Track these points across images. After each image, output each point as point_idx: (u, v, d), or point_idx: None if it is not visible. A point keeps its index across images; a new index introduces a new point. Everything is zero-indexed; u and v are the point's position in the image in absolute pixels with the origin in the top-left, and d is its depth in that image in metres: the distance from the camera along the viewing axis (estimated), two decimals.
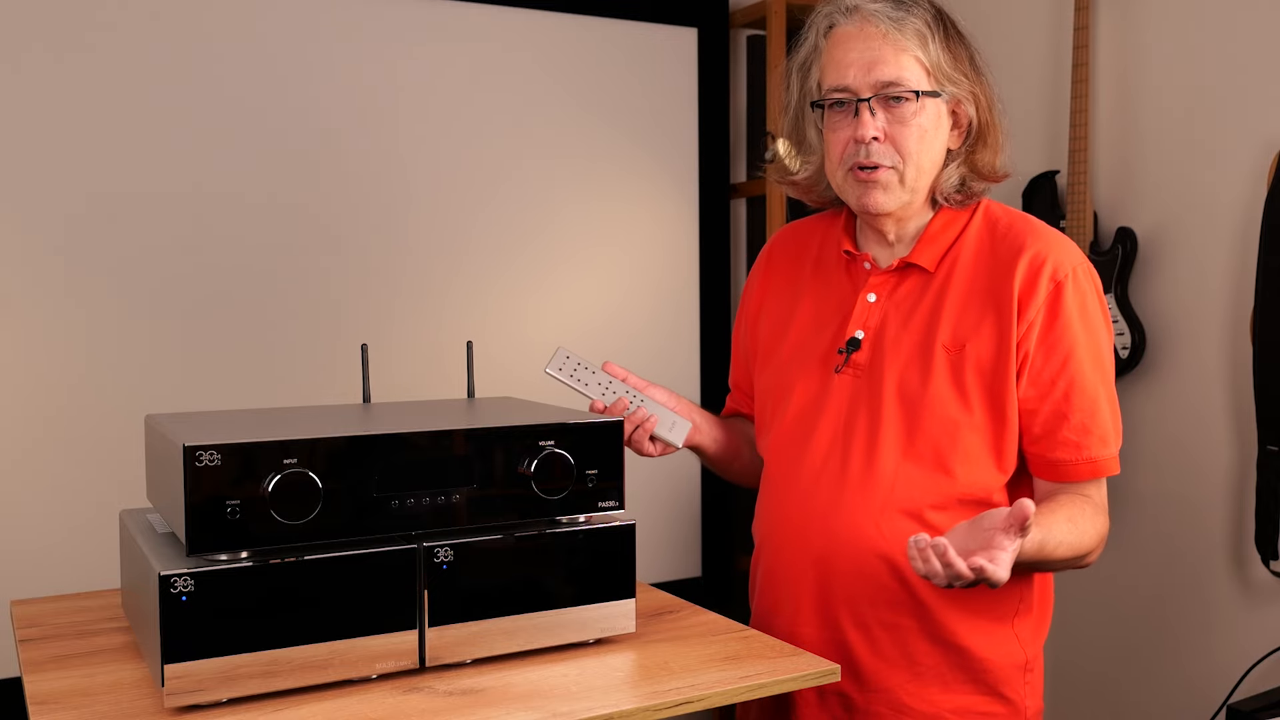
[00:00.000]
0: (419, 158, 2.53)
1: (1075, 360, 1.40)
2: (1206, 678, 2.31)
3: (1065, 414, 1.40)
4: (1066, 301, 1.39)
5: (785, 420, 1.53)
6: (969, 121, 1.45)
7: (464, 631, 1.28)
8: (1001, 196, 2.68)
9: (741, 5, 2.91)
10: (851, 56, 1.40)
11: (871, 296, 1.48)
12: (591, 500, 1.37)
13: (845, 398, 1.47)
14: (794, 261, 1.61)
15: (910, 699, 1.45)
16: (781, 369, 1.55)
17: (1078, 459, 1.41)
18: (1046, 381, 1.40)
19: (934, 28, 1.40)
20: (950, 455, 1.41)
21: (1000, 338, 1.40)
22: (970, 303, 1.43)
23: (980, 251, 1.45)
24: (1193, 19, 2.29)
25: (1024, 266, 1.40)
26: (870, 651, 1.45)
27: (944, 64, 1.40)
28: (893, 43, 1.38)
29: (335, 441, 1.22)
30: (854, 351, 1.47)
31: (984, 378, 1.40)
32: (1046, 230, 1.44)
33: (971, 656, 1.45)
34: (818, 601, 1.47)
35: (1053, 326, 1.39)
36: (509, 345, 2.64)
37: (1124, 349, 2.38)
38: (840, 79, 1.41)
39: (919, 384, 1.41)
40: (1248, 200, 2.21)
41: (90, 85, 2.22)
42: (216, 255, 2.34)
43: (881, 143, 1.40)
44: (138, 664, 1.30)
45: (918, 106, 1.39)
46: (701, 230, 2.86)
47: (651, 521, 2.73)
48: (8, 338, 2.18)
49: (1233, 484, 2.26)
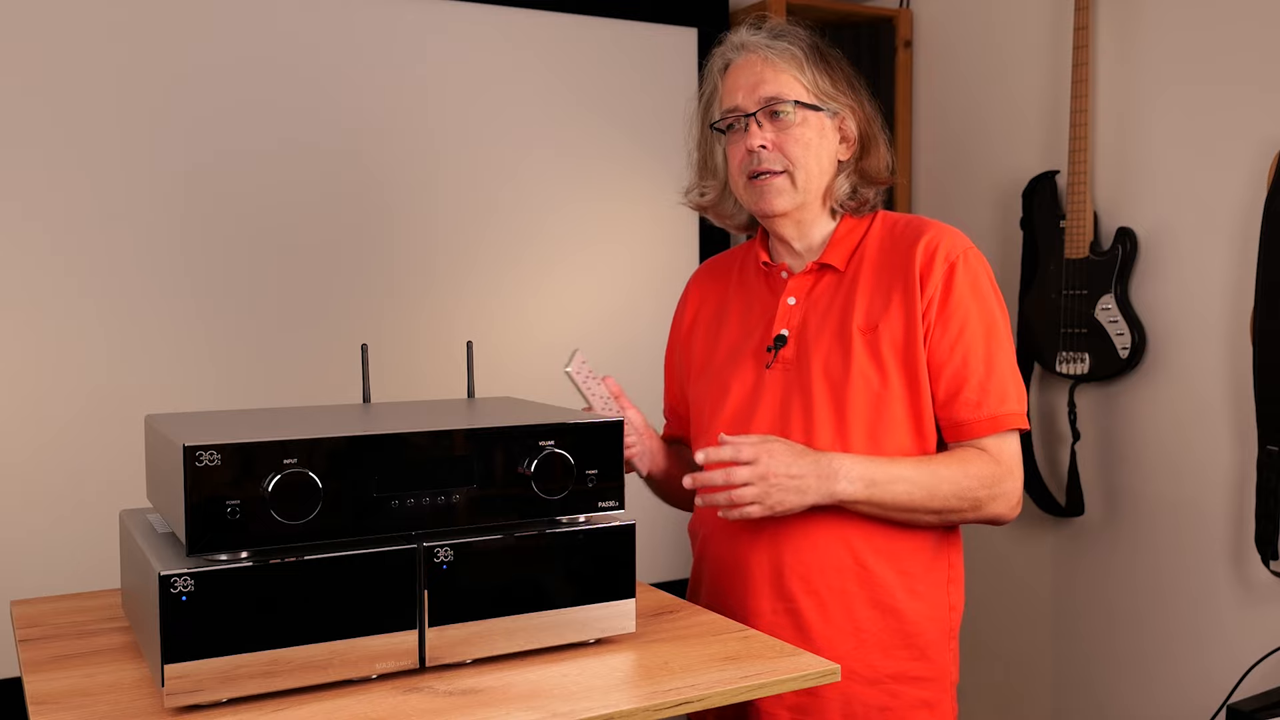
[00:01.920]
0: (419, 158, 2.53)
1: (970, 329, 1.56)
2: (1206, 678, 2.31)
3: (964, 377, 1.56)
4: (959, 279, 1.57)
5: (723, 417, 1.66)
6: (854, 135, 1.64)
7: (464, 631, 1.28)
8: (1001, 195, 2.68)
9: (741, 5, 2.91)
10: (740, 81, 1.62)
11: (791, 299, 1.65)
12: (591, 500, 1.37)
13: (778, 389, 1.62)
14: (717, 285, 1.79)
15: (856, 664, 1.57)
16: (716, 374, 1.70)
17: (978, 417, 1.56)
18: (945, 349, 1.56)
19: (808, 53, 1.61)
20: (877, 426, 1.56)
21: (908, 313, 1.57)
22: (877, 288, 1.60)
23: (883, 247, 1.63)
24: (1193, 19, 2.29)
25: (921, 250, 1.58)
26: (822, 619, 1.58)
27: (820, 83, 1.61)
28: (772, 65, 1.60)
29: (335, 441, 1.22)
30: (781, 347, 1.63)
31: (898, 350, 1.57)
32: (939, 223, 1.64)
33: (908, 621, 1.59)
34: (772, 576, 1.59)
35: (948, 300, 1.56)
36: (509, 345, 2.64)
37: (1124, 349, 2.38)
38: (731, 101, 1.62)
39: (841, 367, 1.58)
40: (1248, 200, 2.21)
41: (90, 85, 2.23)
42: (217, 255, 2.34)
43: (769, 150, 1.59)
44: (138, 664, 1.30)
45: (798, 117, 1.59)
46: (701, 230, 2.86)
47: (651, 521, 2.73)
48: (8, 338, 2.18)
49: (1233, 484, 2.26)
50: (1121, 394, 2.45)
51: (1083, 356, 2.44)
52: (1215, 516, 2.29)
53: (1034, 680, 2.64)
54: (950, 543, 1.64)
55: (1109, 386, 2.47)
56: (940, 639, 1.62)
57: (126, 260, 2.27)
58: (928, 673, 1.60)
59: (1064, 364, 2.46)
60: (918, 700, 1.59)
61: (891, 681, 1.58)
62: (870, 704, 1.57)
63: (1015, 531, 2.69)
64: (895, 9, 2.90)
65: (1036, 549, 2.64)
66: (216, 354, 2.35)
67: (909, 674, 1.59)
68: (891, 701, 1.58)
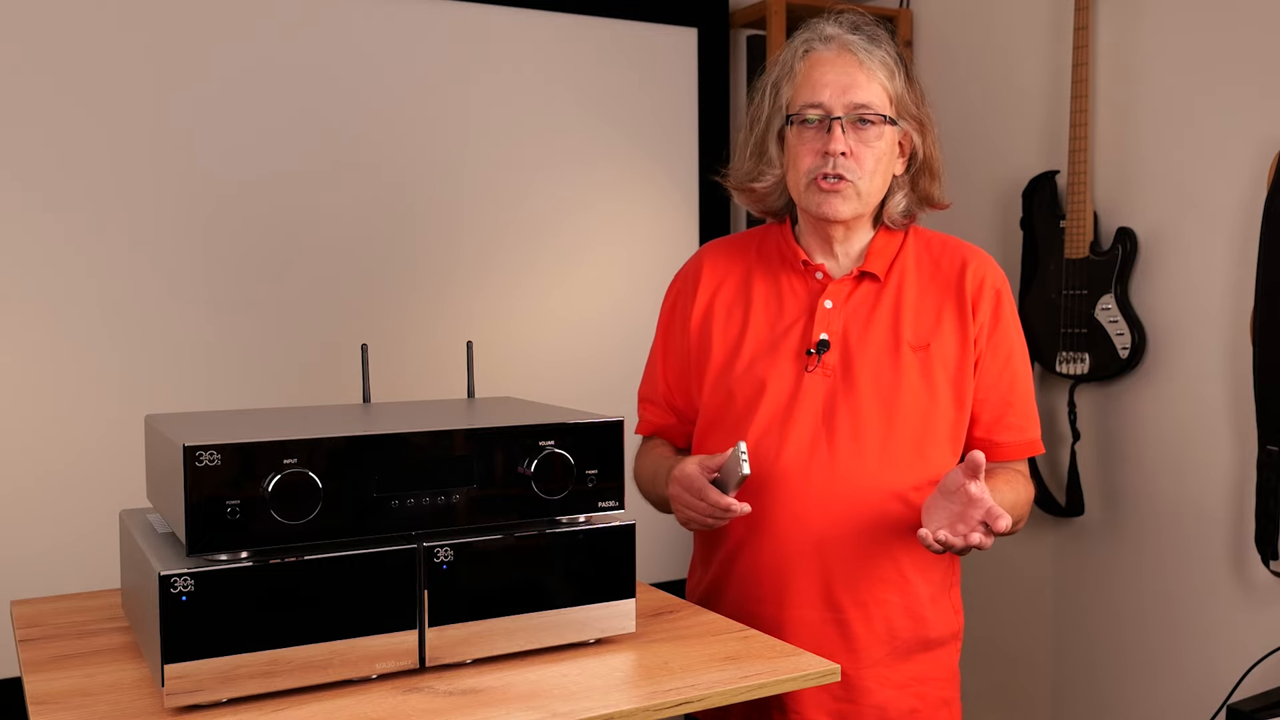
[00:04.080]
0: (418, 158, 2.53)
1: (1015, 357, 1.63)
2: (1206, 678, 2.31)
3: (1010, 403, 1.62)
4: (1005, 308, 1.64)
5: (759, 419, 1.61)
6: (913, 151, 1.63)
7: (464, 631, 1.28)
8: (1001, 195, 2.68)
9: (741, 5, 2.91)
10: (829, 78, 1.56)
11: (829, 303, 1.63)
12: (591, 500, 1.37)
13: (820, 394, 1.60)
14: (735, 267, 1.72)
15: (889, 670, 1.60)
16: (747, 372, 1.64)
17: (1019, 440, 1.63)
18: (994, 374, 1.61)
19: (898, 64, 1.59)
20: (924, 441, 1.58)
21: (961, 336, 1.61)
22: (924, 305, 1.62)
23: (921, 263, 1.65)
24: (1193, 19, 2.29)
25: (972, 276, 1.63)
26: (865, 628, 1.59)
27: (905, 97, 1.59)
28: (866, 70, 1.56)
29: (335, 441, 1.22)
30: (824, 353, 1.61)
31: (950, 372, 1.60)
32: (973, 246, 1.68)
33: (930, 626, 1.62)
34: (821, 587, 1.58)
35: (996, 328, 1.62)
36: (509, 345, 2.64)
37: (1124, 349, 2.38)
38: (815, 96, 1.56)
39: (891, 380, 1.58)
40: (1248, 200, 2.21)
41: (91, 85, 2.23)
42: (216, 256, 2.34)
43: (848, 158, 1.56)
44: (138, 664, 1.30)
45: (881, 131, 1.57)
46: (701, 230, 2.86)
47: (651, 521, 2.73)
48: (8, 338, 2.18)
49: (1233, 484, 2.26)
50: (1121, 394, 2.45)
51: (1083, 356, 2.44)
52: (1215, 516, 2.29)
53: (1034, 680, 2.64)
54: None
55: (1109, 386, 2.47)
56: (950, 641, 1.66)
57: (126, 261, 2.27)
58: (943, 674, 1.65)
59: (1064, 364, 2.46)
60: (939, 700, 1.64)
61: (917, 684, 1.62)
62: (902, 707, 1.60)
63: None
64: (895, 9, 2.90)
65: (1036, 549, 2.64)
66: (217, 354, 2.35)
67: (930, 675, 1.63)
68: (919, 703, 1.61)
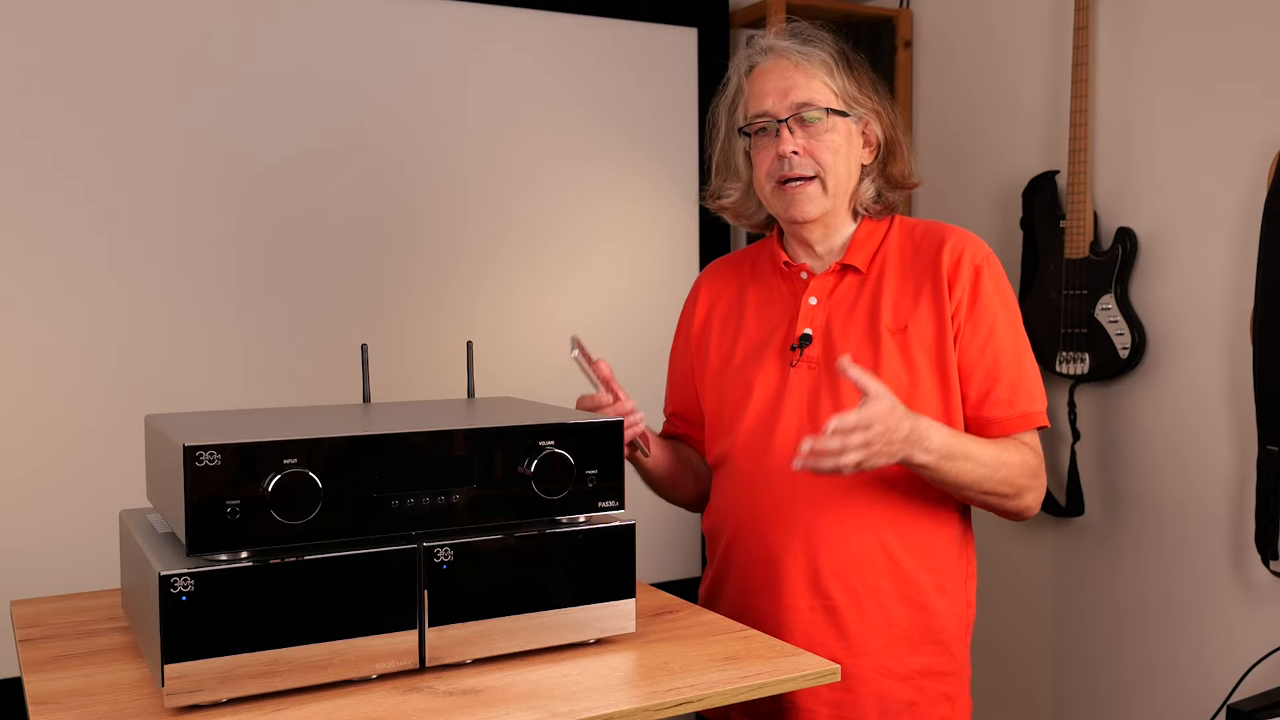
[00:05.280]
0: (418, 158, 2.53)
1: (999, 331, 1.60)
2: (1206, 678, 2.31)
3: (996, 377, 1.59)
4: (985, 282, 1.61)
5: (747, 416, 1.66)
6: (878, 139, 1.66)
7: (464, 631, 1.28)
8: (1001, 195, 2.68)
9: (741, 5, 2.91)
10: (770, 86, 1.62)
11: (813, 299, 1.66)
12: (591, 500, 1.37)
13: (805, 389, 1.62)
14: (729, 284, 1.79)
15: (888, 660, 1.60)
16: (737, 373, 1.69)
17: (1010, 414, 1.60)
18: (976, 350, 1.59)
19: (837, 59, 1.63)
20: None
21: (938, 315, 1.60)
22: (904, 290, 1.62)
23: (903, 250, 1.66)
24: (1193, 19, 2.29)
25: (948, 253, 1.61)
26: (858, 616, 1.59)
27: (849, 88, 1.63)
28: (803, 71, 1.61)
29: (335, 441, 1.22)
30: (806, 346, 1.64)
31: (929, 351, 1.59)
32: (958, 228, 1.67)
33: (935, 618, 1.62)
34: (809, 574, 1.60)
35: (976, 303, 1.60)
36: (509, 345, 2.64)
37: (1124, 349, 2.38)
38: (761, 106, 1.63)
39: (871, 366, 1.58)
40: (1248, 200, 2.21)
41: (91, 86, 2.23)
42: (217, 257, 2.34)
43: (801, 156, 1.60)
44: (138, 664, 1.30)
45: (829, 124, 1.61)
46: (701, 230, 2.86)
47: (651, 521, 2.73)
48: (8, 338, 2.18)
49: (1233, 484, 2.26)
50: (1121, 394, 2.45)
51: (1083, 356, 2.44)
52: (1215, 516, 2.29)
53: (1034, 680, 2.64)
54: (968, 541, 1.68)
55: (1109, 386, 2.47)
56: (960, 635, 1.65)
57: (126, 261, 2.27)
58: (949, 668, 1.64)
59: (1064, 364, 2.46)
60: (940, 695, 1.63)
61: (919, 677, 1.61)
62: (900, 699, 1.61)
63: (1016, 531, 2.69)
64: (895, 9, 2.90)
65: (1037, 549, 2.64)
66: (217, 354, 2.35)
67: (934, 669, 1.62)
68: (918, 696, 1.61)
